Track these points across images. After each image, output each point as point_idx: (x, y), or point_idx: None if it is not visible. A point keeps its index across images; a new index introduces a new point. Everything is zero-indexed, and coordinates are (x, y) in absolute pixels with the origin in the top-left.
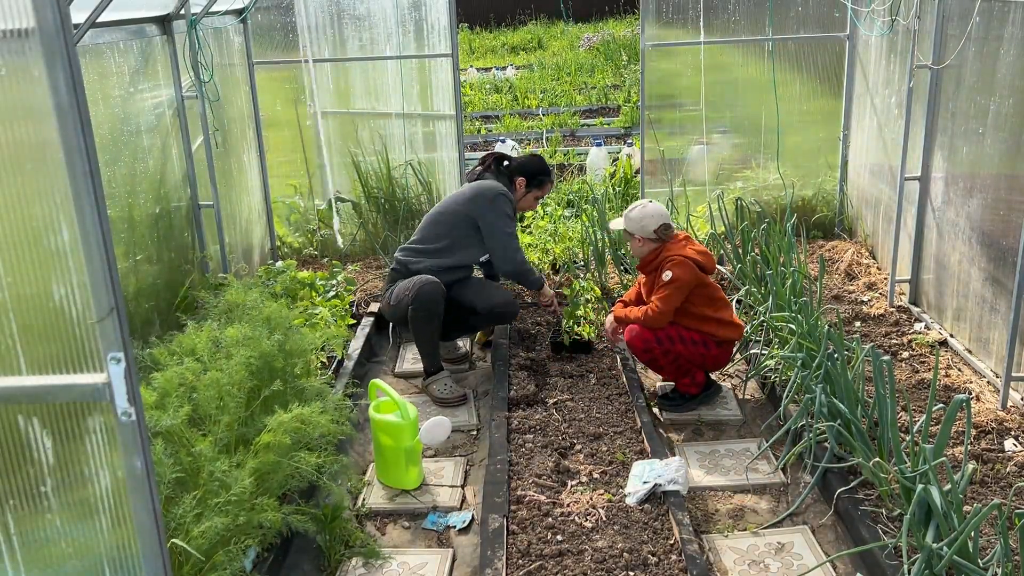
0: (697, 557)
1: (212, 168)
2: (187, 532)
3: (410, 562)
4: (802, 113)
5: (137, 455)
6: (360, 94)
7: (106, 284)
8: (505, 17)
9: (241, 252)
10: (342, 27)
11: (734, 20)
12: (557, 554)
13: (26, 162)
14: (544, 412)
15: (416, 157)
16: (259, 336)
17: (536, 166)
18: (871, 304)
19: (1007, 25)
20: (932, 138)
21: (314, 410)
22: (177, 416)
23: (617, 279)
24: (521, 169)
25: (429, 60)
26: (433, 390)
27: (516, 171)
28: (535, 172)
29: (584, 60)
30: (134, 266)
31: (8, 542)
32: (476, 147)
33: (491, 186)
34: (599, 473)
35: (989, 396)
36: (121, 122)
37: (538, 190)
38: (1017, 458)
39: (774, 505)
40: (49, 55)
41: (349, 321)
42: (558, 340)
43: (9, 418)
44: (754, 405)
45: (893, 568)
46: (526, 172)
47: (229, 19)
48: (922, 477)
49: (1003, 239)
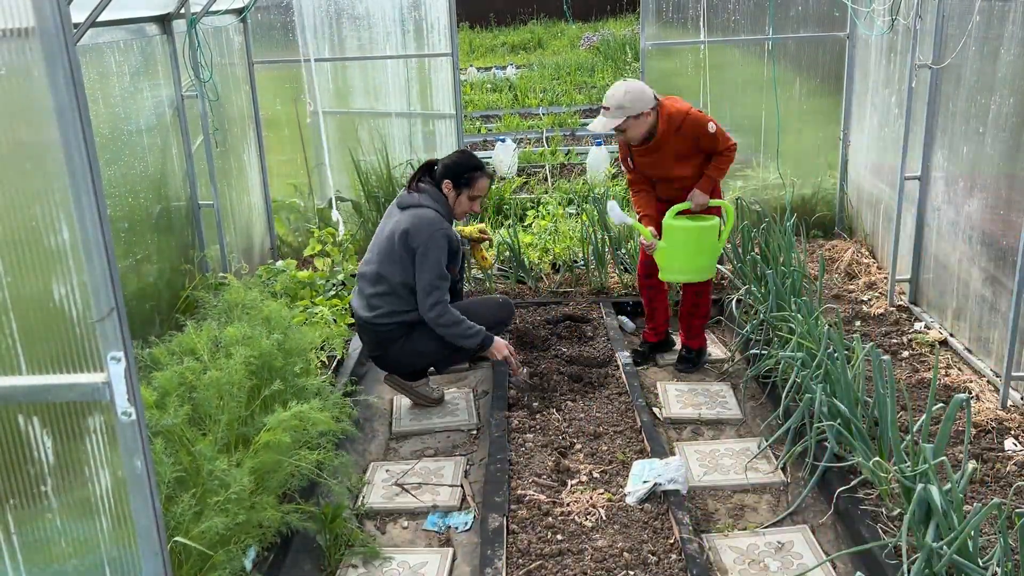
0: (697, 556)
1: (212, 167)
2: (187, 531)
3: (410, 561)
4: (802, 112)
5: (137, 455)
6: (360, 93)
7: (106, 284)
8: (505, 16)
9: (241, 251)
10: (342, 26)
11: (734, 20)
12: (557, 553)
13: (26, 162)
14: (544, 412)
15: (416, 156)
16: (259, 335)
17: (462, 162)
18: (871, 303)
19: (1007, 24)
20: (932, 137)
21: (313, 407)
22: (177, 415)
23: (617, 279)
24: (446, 171)
25: (429, 59)
26: (425, 390)
27: (442, 174)
28: (461, 169)
29: (584, 59)
30: (134, 266)
31: (8, 542)
32: (476, 147)
33: (435, 222)
34: (599, 472)
35: (989, 395)
36: (121, 121)
37: (469, 189)
38: (1017, 457)
39: (774, 504)
40: (49, 55)
41: (349, 320)
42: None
43: (9, 418)
44: (754, 404)
45: (893, 567)
46: (450, 173)
47: (229, 18)
48: (922, 476)
49: (1003, 238)
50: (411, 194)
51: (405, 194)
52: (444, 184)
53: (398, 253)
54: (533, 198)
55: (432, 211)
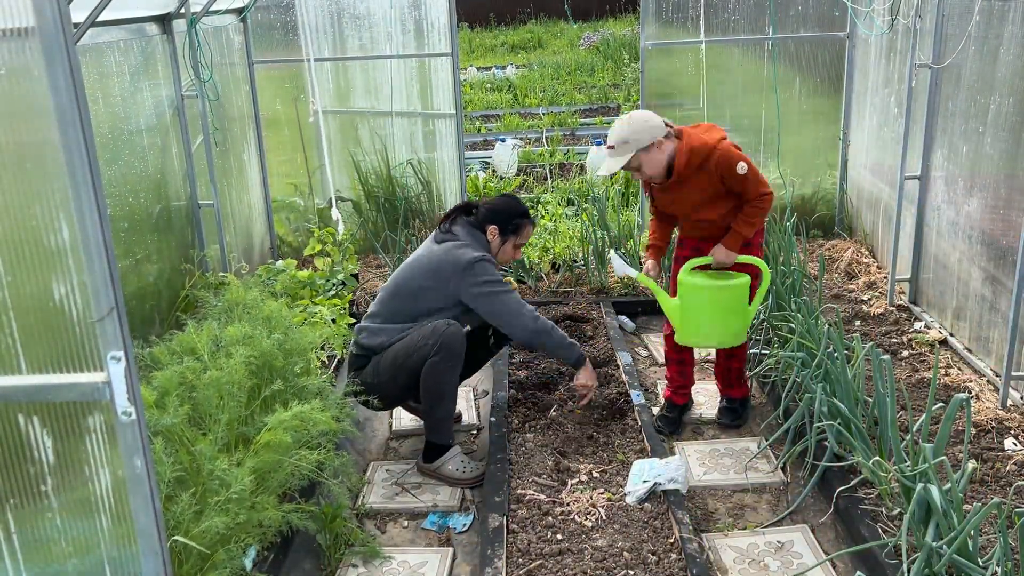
0: (697, 556)
1: (212, 167)
2: (187, 530)
3: (410, 561)
4: (802, 112)
5: (137, 454)
6: (360, 93)
7: (106, 283)
8: (505, 16)
9: (241, 251)
10: (342, 26)
11: (734, 19)
12: (557, 553)
13: (26, 162)
14: (544, 412)
15: (416, 156)
16: (259, 335)
17: (509, 208)
18: (871, 303)
19: (1007, 24)
20: (932, 137)
21: (314, 407)
22: (177, 415)
23: (617, 278)
24: (491, 215)
25: (429, 59)
26: (448, 471)
27: (485, 218)
28: (509, 215)
29: (584, 59)
30: (134, 265)
31: (8, 541)
32: (476, 146)
33: (459, 254)
34: (599, 472)
35: (989, 395)
36: (121, 121)
37: (515, 236)
38: (1017, 457)
39: (774, 504)
40: (49, 54)
41: (349, 320)
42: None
43: (9, 417)
44: (754, 404)
45: (893, 567)
46: (497, 218)
47: (229, 18)
48: (922, 476)
49: (1003, 238)
50: (451, 233)
51: (437, 234)
52: (489, 230)
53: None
54: (533, 197)
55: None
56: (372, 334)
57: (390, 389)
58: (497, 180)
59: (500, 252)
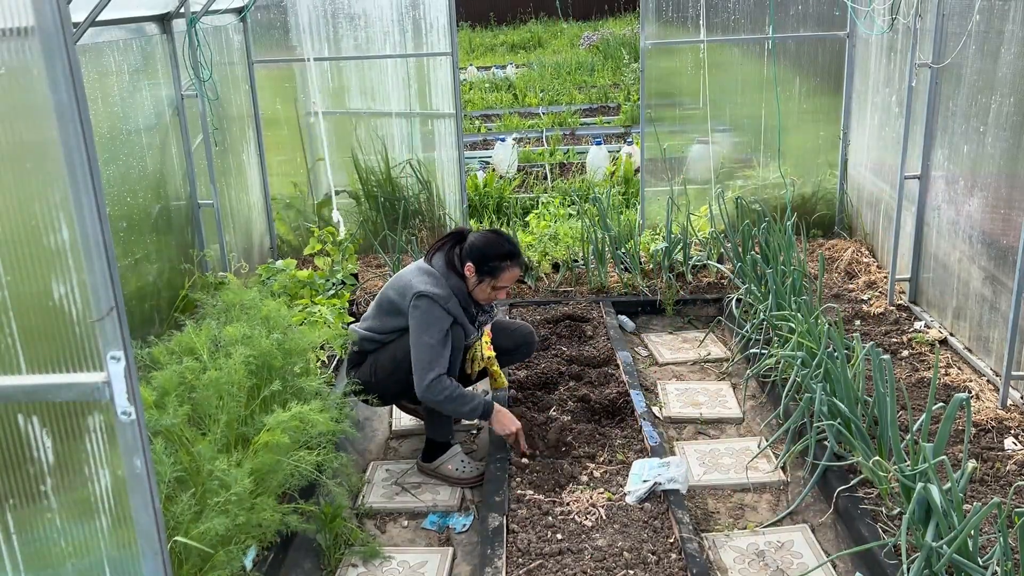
0: (697, 555)
1: (212, 167)
2: (186, 531)
3: (410, 561)
4: (802, 112)
5: (137, 454)
6: (360, 93)
7: (106, 283)
8: (505, 16)
9: (241, 251)
10: (339, 26)
11: (734, 19)
12: (557, 553)
13: (26, 161)
14: (545, 412)
15: (415, 156)
16: (258, 335)
17: (488, 247)
18: (871, 303)
19: (1008, 23)
20: (932, 137)
21: (313, 408)
22: (176, 415)
23: (617, 277)
24: (471, 252)
25: (428, 59)
26: (448, 470)
27: (467, 254)
28: (486, 257)
29: (584, 59)
30: (134, 265)
31: (8, 542)
32: (476, 146)
33: (415, 282)
34: (599, 472)
35: (989, 395)
36: (121, 121)
37: (492, 279)
38: (1017, 457)
39: (774, 504)
40: (49, 54)
41: (348, 320)
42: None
43: (9, 417)
44: (754, 404)
45: (893, 567)
46: (474, 255)
47: (229, 18)
48: (922, 476)
49: (1003, 238)
50: (433, 259)
51: (437, 247)
52: (467, 266)
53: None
54: (532, 197)
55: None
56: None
57: (388, 387)
58: (497, 179)
59: (476, 290)
